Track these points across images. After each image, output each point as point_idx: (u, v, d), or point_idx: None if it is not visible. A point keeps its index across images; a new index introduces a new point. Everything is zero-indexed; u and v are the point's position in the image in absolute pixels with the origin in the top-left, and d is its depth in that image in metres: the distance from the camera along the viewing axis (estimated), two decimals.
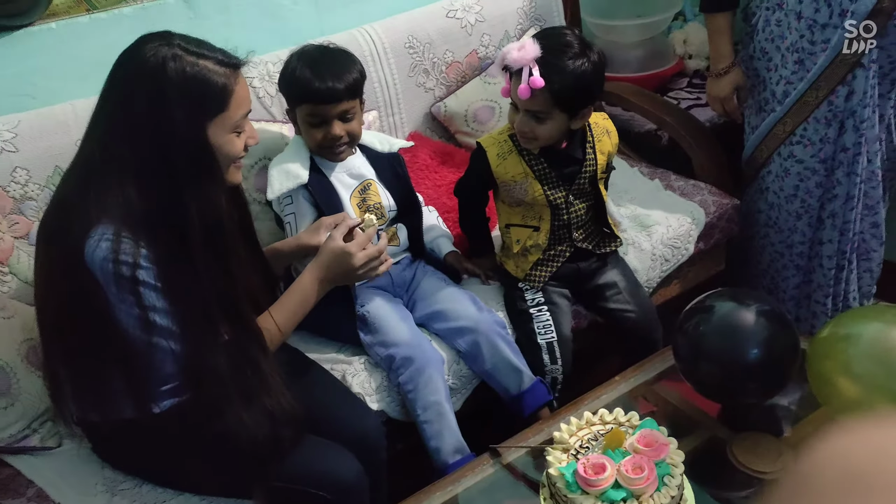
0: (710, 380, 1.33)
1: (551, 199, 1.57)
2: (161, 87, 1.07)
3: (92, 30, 1.68)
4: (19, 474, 1.30)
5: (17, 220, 1.53)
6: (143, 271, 1.08)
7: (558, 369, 1.59)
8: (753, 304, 1.32)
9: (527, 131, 1.50)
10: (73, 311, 1.13)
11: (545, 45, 1.44)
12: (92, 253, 1.07)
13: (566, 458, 1.16)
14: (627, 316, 1.67)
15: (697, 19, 2.59)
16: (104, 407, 1.22)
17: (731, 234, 1.99)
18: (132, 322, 1.11)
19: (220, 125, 1.13)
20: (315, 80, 1.46)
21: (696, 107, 2.33)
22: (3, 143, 1.50)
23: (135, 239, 1.07)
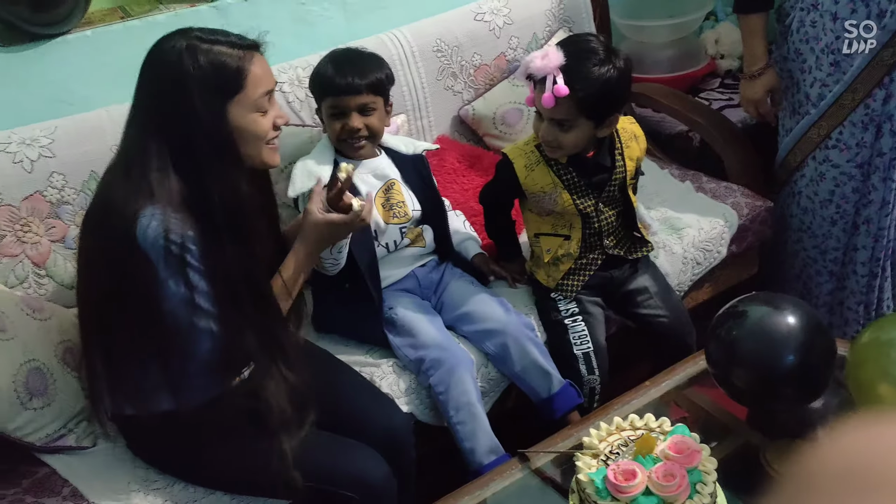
0: (744, 385, 1.31)
1: (581, 207, 1.55)
2: (180, 77, 1.13)
3: (126, 37, 1.71)
4: (55, 473, 1.32)
5: (54, 224, 1.56)
6: (189, 252, 1.13)
7: (596, 379, 1.57)
8: (789, 309, 1.29)
9: (551, 140, 1.48)
10: (120, 295, 1.17)
11: (569, 53, 1.42)
12: (144, 231, 1.11)
13: (596, 464, 1.15)
14: (660, 321, 1.65)
15: (729, 19, 2.55)
16: (140, 399, 1.25)
17: (765, 237, 1.96)
18: (177, 302, 1.15)
19: (239, 105, 1.17)
20: (337, 75, 1.50)
21: (729, 108, 2.30)
22: (41, 149, 1.54)
23: (180, 220, 1.13)
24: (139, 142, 1.16)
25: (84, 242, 1.23)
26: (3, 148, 1.51)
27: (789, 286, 1.99)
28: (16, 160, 1.51)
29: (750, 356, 1.28)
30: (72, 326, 1.54)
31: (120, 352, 1.22)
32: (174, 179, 1.14)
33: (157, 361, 1.21)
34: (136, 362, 1.22)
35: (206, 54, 1.14)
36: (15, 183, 1.51)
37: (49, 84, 1.65)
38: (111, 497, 1.28)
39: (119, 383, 1.24)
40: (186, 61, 1.13)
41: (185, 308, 1.15)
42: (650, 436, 1.15)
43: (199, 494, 1.31)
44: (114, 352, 1.22)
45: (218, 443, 1.26)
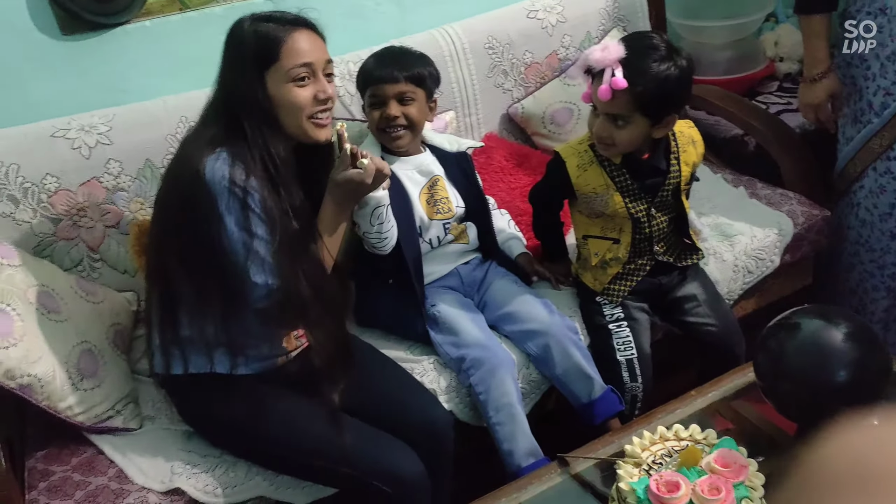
0: (793, 400, 1.27)
1: (632, 211, 1.52)
2: (231, 49, 1.28)
3: (183, 28, 1.74)
4: (102, 454, 1.36)
5: (109, 209, 1.60)
6: (250, 196, 1.20)
7: (638, 387, 1.55)
8: (843, 323, 1.24)
9: (605, 136, 1.44)
10: (185, 232, 1.23)
11: (630, 47, 1.39)
12: (211, 169, 1.19)
13: (638, 473, 1.13)
14: (708, 330, 1.61)
15: (790, 20, 2.48)
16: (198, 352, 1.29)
17: (820, 247, 1.90)
18: (235, 241, 1.20)
19: (275, 75, 1.25)
20: (377, 67, 1.54)
21: (787, 112, 2.23)
22: (99, 136, 1.57)
23: (245, 168, 1.20)
24: (211, 104, 1.30)
25: (159, 194, 1.34)
26: (62, 134, 1.55)
27: (844, 300, 1.93)
28: (74, 146, 1.55)
29: (800, 370, 1.23)
30: (123, 310, 1.58)
31: (181, 300, 1.28)
32: (235, 135, 1.23)
33: (215, 309, 1.26)
34: (196, 313, 1.27)
35: (255, 30, 1.25)
36: (73, 168, 1.55)
37: (108, 73, 1.70)
38: (154, 479, 1.31)
39: (177, 336, 1.29)
40: (238, 35, 1.27)
41: (242, 250, 1.20)
42: (695, 448, 1.12)
43: (240, 479, 1.33)
44: (176, 301, 1.28)
45: (266, 408, 1.30)
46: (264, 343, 1.33)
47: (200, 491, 1.30)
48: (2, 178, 1.50)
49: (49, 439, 1.38)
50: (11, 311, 1.30)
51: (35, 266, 1.46)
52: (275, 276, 1.21)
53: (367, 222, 1.42)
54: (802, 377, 1.24)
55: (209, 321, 1.27)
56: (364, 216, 1.41)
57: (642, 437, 1.20)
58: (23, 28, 1.59)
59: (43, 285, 1.41)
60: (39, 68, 1.63)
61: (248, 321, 1.28)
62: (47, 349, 1.31)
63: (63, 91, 1.66)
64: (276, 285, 1.22)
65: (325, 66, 1.30)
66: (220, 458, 1.34)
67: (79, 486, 1.29)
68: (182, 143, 1.32)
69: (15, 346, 1.26)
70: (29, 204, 1.53)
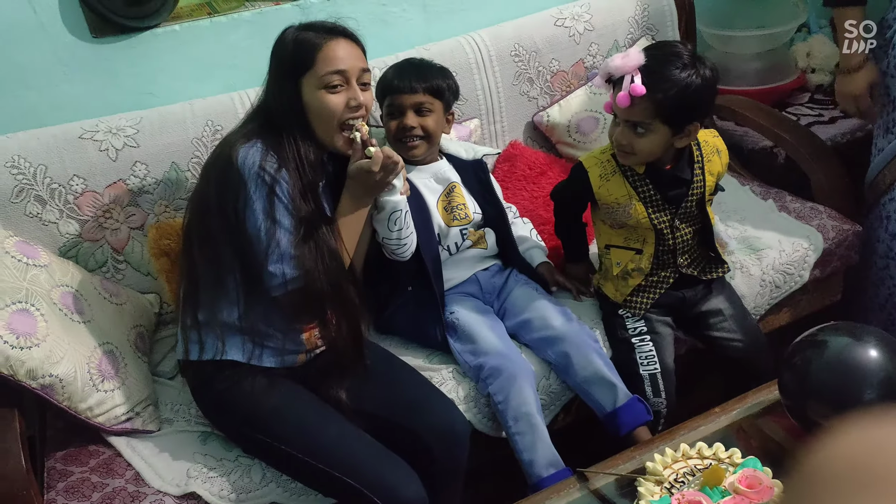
0: (819, 419, 1.23)
1: (655, 223, 1.49)
2: (274, 58, 1.33)
3: (212, 33, 1.75)
4: (119, 455, 1.36)
5: (134, 211, 1.61)
6: (278, 185, 1.23)
7: (661, 402, 1.52)
8: (872, 342, 1.21)
9: (625, 144, 1.42)
10: (212, 219, 1.28)
11: (651, 55, 1.38)
12: (243, 156, 1.24)
13: (659, 492, 1.11)
14: (734, 345, 1.58)
15: (823, 31, 2.43)
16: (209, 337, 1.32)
17: (851, 262, 1.86)
18: (259, 228, 1.23)
19: (309, 81, 1.28)
20: (396, 77, 1.55)
21: (818, 124, 2.19)
22: (126, 139, 1.59)
23: (278, 160, 1.25)
24: (255, 106, 1.36)
25: (196, 186, 1.39)
26: (90, 136, 1.57)
27: (873, 316, 1.88)
28: (101, 148, 1.57)
29: (826, 388, 1.20)
30: (145, 312, 1.59)
31: (201, 284, 1.31)
32: (270, 134, 1.28)
33: (232, 294, 1.30)
34: (214, 297, 1.31)
35: (296, 36, 1.31)
36: (100, 170, 1.57)
37: (137, 76, 1.71)
38: (171, 483, 1.31)
39: (195, 320, 1.32)
40: (281, 42, 1.32)
41: (264, 237, 1.23)
42: (719, 467, 1.10)
43: (254, 484, 1.33)
44: (195, 285, 1.32)
45: (279, 405, 1.30)
46: (284, 336, 1.34)
47: (215, 496, 1.30)
48: (29, 179, 1.52)
49: (69, 440, 1.39)
50: (35, 312, 1.31)
51: (60, 267, 1.48)
52: (293, 267, 1.24)
53: (385, 227, 1.41)
54: (828, 396, 1.20)
55: (225, 305, 1.30)
56: (381, 221, 1.41)
57: (664, 454, 1.17)
58: (53, 30, 1.61)
59: (67, 286, 1.42)
60: (69, 70, 1.65)
61: (267, 310, 1.30)
62: (69, 350, 1.31)
63: (91, 93, 1.68)
64: (293, 276, 1.24)
65: (360, 75, 1.31)
66: (236, 461, 1.34)
67: (96, 488, 1.30)
68: (222, 140, 1.36)
69: (38, 346, 1.27)
70: (56, 205, 1.55)
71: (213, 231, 1.28)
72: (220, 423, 1.37)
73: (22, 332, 1.27)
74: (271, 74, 1.33)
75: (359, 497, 1.26)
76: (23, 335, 1.26)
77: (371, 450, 1.31)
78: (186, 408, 1.46)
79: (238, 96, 1.68)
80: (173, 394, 1.50)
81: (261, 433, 1.30)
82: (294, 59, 1.29)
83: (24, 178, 1.52)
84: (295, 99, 1.29)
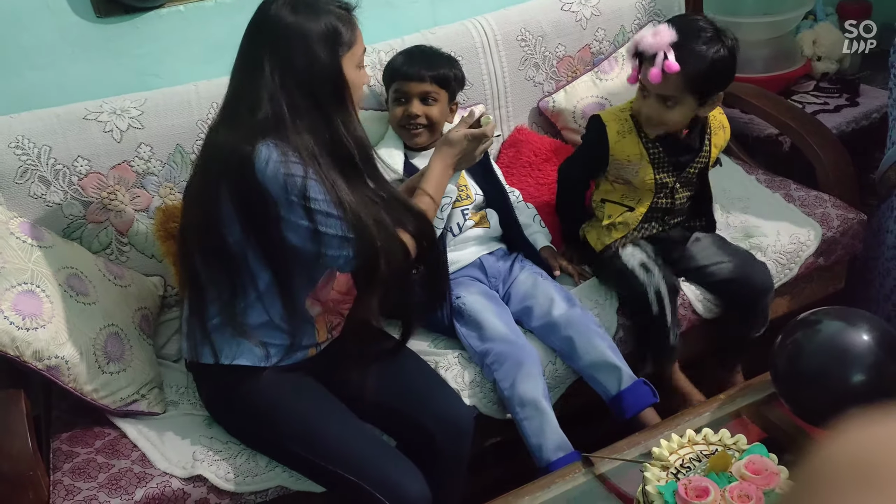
0: (811, 404, 1.24)
1: (660, 182, 1.55)
2: (304, 32, 1.20)
3: (217, 14, 1.73)
4: (125, 437, 1.36)
5: (139, 193, 1.60)
6: (311, 190, 1.16)
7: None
8: (864, 326, 1.21)
9: (654, 116, 1.49)
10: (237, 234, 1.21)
11: (679, 30, 1.43)
12: (262, 167, 1.15)
13: (665, 477, 1.11)
14: (722, 267, 1.61)
15: (829, 19, 2.42)
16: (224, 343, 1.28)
17: (855, 251, 1.86)
18: (301, 233, 1.18)
19: (349, 60, 1.24)
20: (405, 63, 1.57)
21: (823, 112, 2.18)
22: (131, 120, 1.58)
23: (301, 160, 1.16)
24: (254, 91, 1.20)
25: (193, 182, 1.29)
26: (94, 117, 1.56)
27: (877, 307, 1.88)
28: (106, 129, 1.56)
29: (817, 373, 1.20)
30: (149, 294, 1.59)
31: (215, 290, 1.26)
32: (291, 122, 1.18)
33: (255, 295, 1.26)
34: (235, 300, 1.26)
35: (325, 12, 1.22)
36: (104, 152, 1.56)
37: (141, 56, 1.70)
38: (177, 465, 1.31)
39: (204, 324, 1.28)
40: (306, 17, 1.20)
41: (311, 245, 1.19)
42: (726, 453, 1.10)
43: (261, 468, 1.33)
44: (203, 290, 1.27)
45: (284, 403, 1.29)
46: (299, 332, 1.31)
47: (222, 478, 1.30)
48: (33, 160, 1.51)
49: (74, 421, 1.39)
50: (41, 293, 1.31)
51: (64, 248, 1.47)
52: (351, 245, 1.20)
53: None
54: (819, 379, 1.20)
55: (239, 309, 1.26)
56: None
57: (670, 440, 1.18)
58: (57, 10, 1.59)
59: (72, 268, 1.42)
60: (73, 51, 1.63)
61: (288, 307, 1.27)
62: (75, 331, 1.31)
63: (96, 74, 1.66)
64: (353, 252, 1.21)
65: None
66: (242, 445, 1.34)
67: (102, 469, 1.30)
68: (217, 130, 1.26)
69: (43, 327, 1.27)
70: (60, 186, 1.54)
71: (232, 243, 1.22)
72: (225, 421, 1.36)
73: (28, 313, 1.26)
74: (302, 54, 1.19)
75: (362, 494, 1.26)
76: (28, 316, 1.26)
77: (375, 447, 1.31)
78: (192, 391, 1.46)
79: None
80: (178, 376, 1.50)
81: (265, 430, 1.30)
82: (337, 38, 1.21)
83: (29, 158, 1.51)
84: (342, 76, 1.22)
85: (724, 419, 1.35)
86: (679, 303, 1.62)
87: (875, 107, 2.17)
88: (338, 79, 1.22)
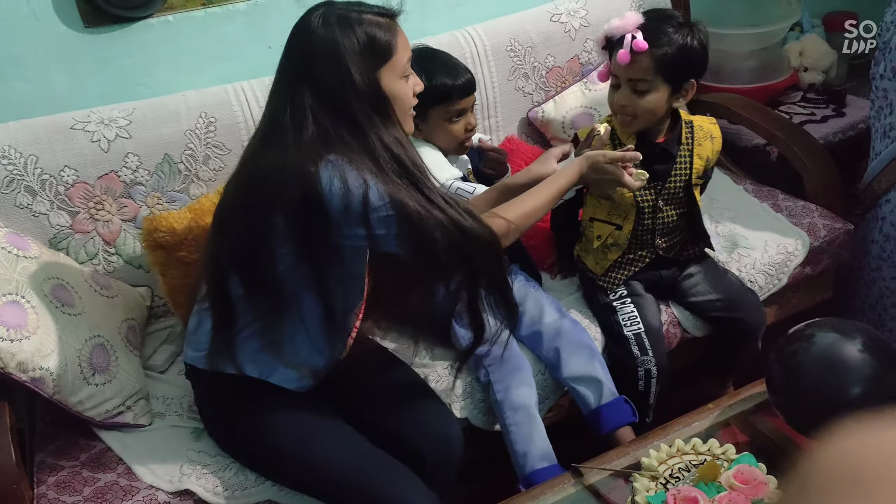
0: (806, 415, 1.24)
1: (639, 199, 1.52)
2: (336, 47, 1.15)
3: (206, 24, 1.73)
4: (110, 450, 1.34)
5: (126, 203, 1.59)
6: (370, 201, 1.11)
7: (650, 360, 1.53)
8: (860, 338, 1.21)
9: (626, 106, 1.45)
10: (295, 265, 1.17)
11: (648, 15, 1.43)
12: (328, 189, 1.10)
13: (654, 487, 1.11)
14: (714, 304, 1.60)
15: (816, 30, 2.44)
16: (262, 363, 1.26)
17: (841, 261, 1.87)
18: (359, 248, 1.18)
19: (390, 71, 1.18)
20: (453, 78, 1.51)
21: (810, 122, 2.20)
22: (118, 130, 1.57)
23: (359, 175, 1.11)
24: (295, 111, 1.15)
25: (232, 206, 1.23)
26: (82, 126, 1.55)
27: (863, 316, 1.89)
28: (93, 139, 1.55)
29: (813, 384, 1.20)
30: (136, 305, 1.57)
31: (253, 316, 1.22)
32: (339, 140, 1.14)
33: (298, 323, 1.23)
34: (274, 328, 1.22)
35: (359, 24, 1.16)
36: (91, 161, 1.55)
37: (129, 66, 1.69)
38: (163, 478, 1.29)
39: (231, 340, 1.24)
40: (340, 32, 1.15)
41: (362, 253, 1.18)
42: (714, 463, 1.10)
43: (250, 482, 1.32)
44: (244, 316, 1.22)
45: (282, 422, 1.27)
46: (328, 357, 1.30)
47: (210, 492, 1.29)
48: (20, 170, 1.50)
49: (59, 434, 1.37)
50: (26, 304, 1.29)
51: (50, 258, 1.46)
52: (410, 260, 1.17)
53: None
54: (815, 391, 1.21)
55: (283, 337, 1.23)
56: None
57: (659, 450, 1.18)
58: (45, 19, 1.59)
59: (58, 278, 1.41)
60: (61, 60, 1.63)
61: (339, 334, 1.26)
62: (60, 343, 1.30)
63: (84, 83, 1.66)
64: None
65: None
66: (230, 458, 1.33)
67: (87, 482, 1.28)
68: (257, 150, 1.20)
69: (28, 338, 1.25)
70: (46, 196, 1.53)
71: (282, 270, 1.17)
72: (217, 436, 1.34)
73: (12, 324, 1.25)
74: (337, 69, 1.14)
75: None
76: (13, 327, 1.25)
77: (373, 460, 1.28)
78: (178, 402, 1.45)
79: (233, 88, 1.66)
80: (165, 388, 1.49)
81: (259, 450, 1.28)
82: (374, 51, 1.16)
83: (15, 168, 1.50)
84: (380, 91, 1.17)
85: (713, 429, 1.35)
86: (667, 320, 1.63)
87: (861, 117, 2.19)
88: (374, 95, 1.16)
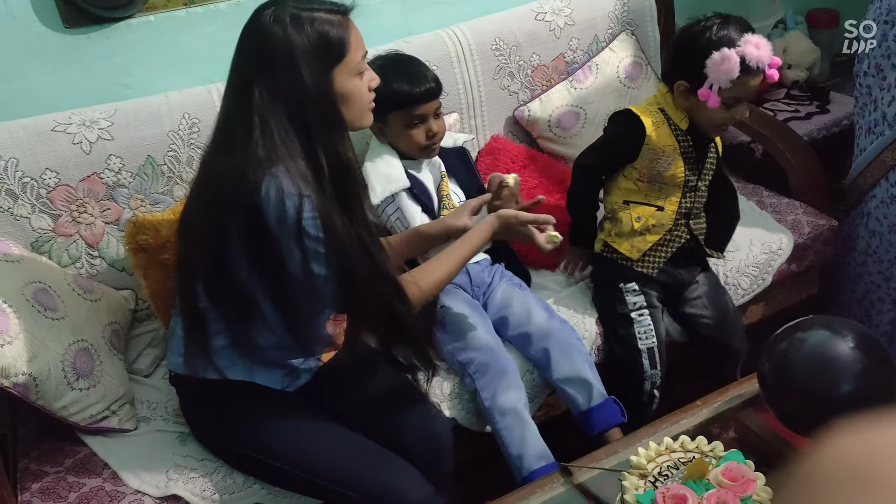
0: (798, 412, 1.24)
1: (688, 178, 1.56)
2: (288, 48, 1.11)
3: (188, 24, 1.71)
4: (95, 455, 1.33)
5: (109, 206, 1.57)
6: (304, 217, 1.09)
7: (658, 374, 1.57)
8: (850, 335, 1.22)
9: (739, 119, 1.53)
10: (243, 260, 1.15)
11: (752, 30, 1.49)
12: (266, 202, 1.08)
13: (643, 485, 1.11)
14: (704, 322, 1.65)
15: (799, 28, 2.46)
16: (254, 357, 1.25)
17: (827, 256, 1.88)
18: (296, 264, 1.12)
19: (344, 69, 1.16)
20: (413, 85, 1.51)
21: (794, 119, 2.21)
22: (100, 131, 1.55)
23: (297, 191, 1.09)
24: (245, 114, 1.12)
25: (192, 212, 1.21)
26: (63, 129, 1.53)
27: (849, 311, 1.91)
28: (75, 141, 1.53)
29: (805, 381, 1.21)
30: (120, 309, 1.56)
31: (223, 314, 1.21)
32: (284, 147, 1.11)
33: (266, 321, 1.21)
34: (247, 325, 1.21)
35: (311, 23, 1.12)
36: (73, 164, 1.53)
37: (111, 67, 1.67)
38: (149, 482, 1.28)
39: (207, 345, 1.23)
40: (292, 31, 1.11)
41: (301, 271, 1.12)
42: (703, 460, 1.10)
43: (238, 485, 1.31)
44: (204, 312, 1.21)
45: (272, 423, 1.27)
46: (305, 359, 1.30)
47: (198, 496, 1.28)
48: (0, 173, 1.48)
49: (42, 439, 1.36)
50: (8, 308, 1.27)
51: (33, 262, 1.44)
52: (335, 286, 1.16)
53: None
54: (807, 388, 1.21)
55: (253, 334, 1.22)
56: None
57: (648, 448, 1.17)
58: (24, 20, 1.57)
59: (40, 282, 1.39)
60: (41, 61, 1.60)
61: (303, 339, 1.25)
62: (43, 348, 1.28)
63: (64, 85, 1.63)
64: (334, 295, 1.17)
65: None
66: (218, 462, 1.32)
67: (72, 488, 1.27)
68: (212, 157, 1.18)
69: (10, 343, 1.23)
70: (27, 199, 1.50)
71: (241, 279, 1.16)
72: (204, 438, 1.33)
73: None
74: (289, 70, 1.11)
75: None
76: None
77: (367, 456, 1.27)
78: (163, 406, 1.43)
79: (216, 88, 1.65)
80: (149, 392, 1.47)
81: (252, 451, 1.27)
82: (325, 51, 1.12)
83: None
84: (331, 93, 1.13)
85: (701, 426, 1.35)
86: None
87: (845, 114, 2.20)
88: (326, 98, 1.13)
